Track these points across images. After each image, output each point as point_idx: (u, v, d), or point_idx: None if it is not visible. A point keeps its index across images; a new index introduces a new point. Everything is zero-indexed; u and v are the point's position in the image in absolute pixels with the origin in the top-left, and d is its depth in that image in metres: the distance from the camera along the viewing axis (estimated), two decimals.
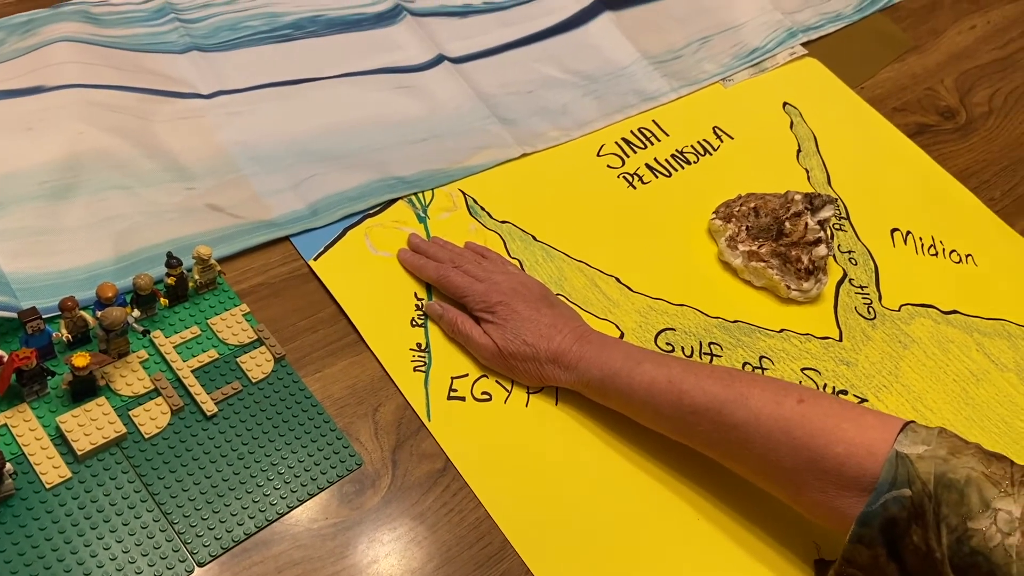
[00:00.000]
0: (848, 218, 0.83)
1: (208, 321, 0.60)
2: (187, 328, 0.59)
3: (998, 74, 1.03)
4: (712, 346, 0.71)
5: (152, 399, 0.56)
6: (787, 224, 0.74)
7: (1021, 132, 0.97)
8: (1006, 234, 0.86)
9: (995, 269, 0.83)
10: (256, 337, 0.60)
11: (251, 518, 0.53)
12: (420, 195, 0.73)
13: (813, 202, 0.74)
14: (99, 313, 0.54)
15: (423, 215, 0.72)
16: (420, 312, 0.66)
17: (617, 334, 0.69)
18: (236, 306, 0.61)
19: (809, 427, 0.53)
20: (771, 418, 0.54)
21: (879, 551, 0.51)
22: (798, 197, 0.74)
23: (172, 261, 0.58)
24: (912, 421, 0.52)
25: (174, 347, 0.58)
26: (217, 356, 0.59)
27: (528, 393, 0.64)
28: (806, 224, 0.73)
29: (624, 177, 0.81)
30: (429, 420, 0.60)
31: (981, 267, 0.82)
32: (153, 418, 0.55)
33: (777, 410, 0.54)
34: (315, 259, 0.66)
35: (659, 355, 0.61)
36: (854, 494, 0.51)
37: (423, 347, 0.64)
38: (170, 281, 0.59)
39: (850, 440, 0.52)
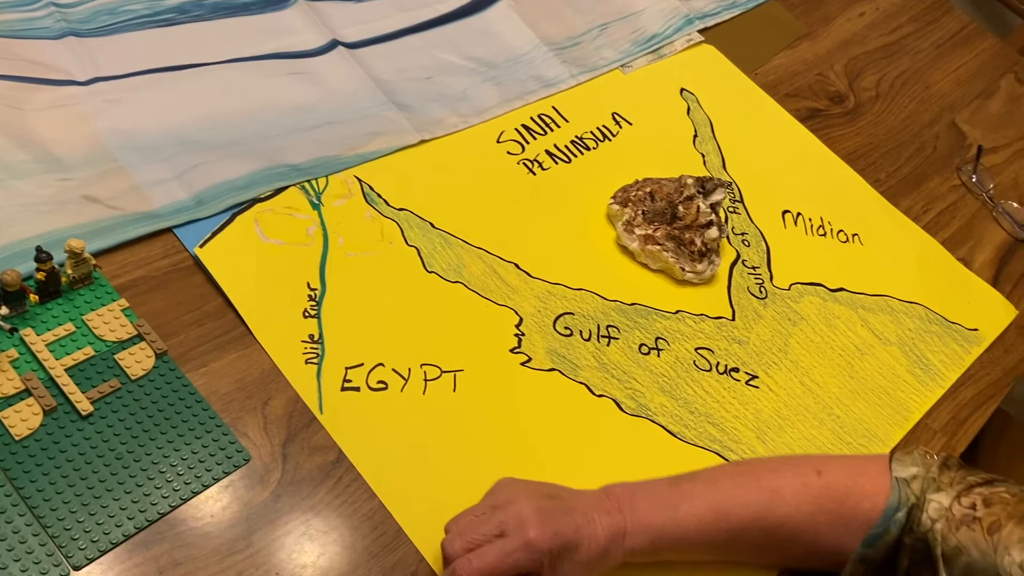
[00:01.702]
0: (742, 201, 0.85)
1: (83, 317, 0.57)
2: (60, 325, 0.57)
3: (885, 60, 1.07)
4: (610, 328, 0.71)
5: (23, 400, 0.53)
6: (680, 208, 0.75)
7: (906, 116, 1.01)
8: (890, 213, 0.90)
9: (880, 247, 0.86)
10: (136, 333, 0.58)
11: (130, 519, 0.51)
12: (314, 182, 0.72)
13: (705, 186, 0.76)
14: None
15: (317, 202, 0.71)
16: (313, 302, 0.65)
17: (516, 320, 0.69)
18: (114, 301, 0.59)
19: (836, 496, 0.57)
20: (807, 502, 0.57)
21: (871, 567, 0.57)
22: (690, 181, 0.76)
23: (41, 255, 0.55)
24: (894, 450, 0.59)
25: (46, 345, 0.56)
26: (93, 353, 0.56)
27: (425, 381, 0.64)
28: (698, 207, 0.74)
29: (524, 163, 0.81)
30: (321, 413, 0.59)
31: (867, 246, 0.86)
32: (24, 419, 0.53)
33: (807, 491, 0.58)
34: (201, 246, 0.64)
35: (684, 484, 0.58)
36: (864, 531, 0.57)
37: (316, 338, 0.63)
38: (40, 276, 0.56)
39: (869, 493, 0.57)
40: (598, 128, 0.86)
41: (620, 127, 0.87)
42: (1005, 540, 0.52)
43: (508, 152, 0.81)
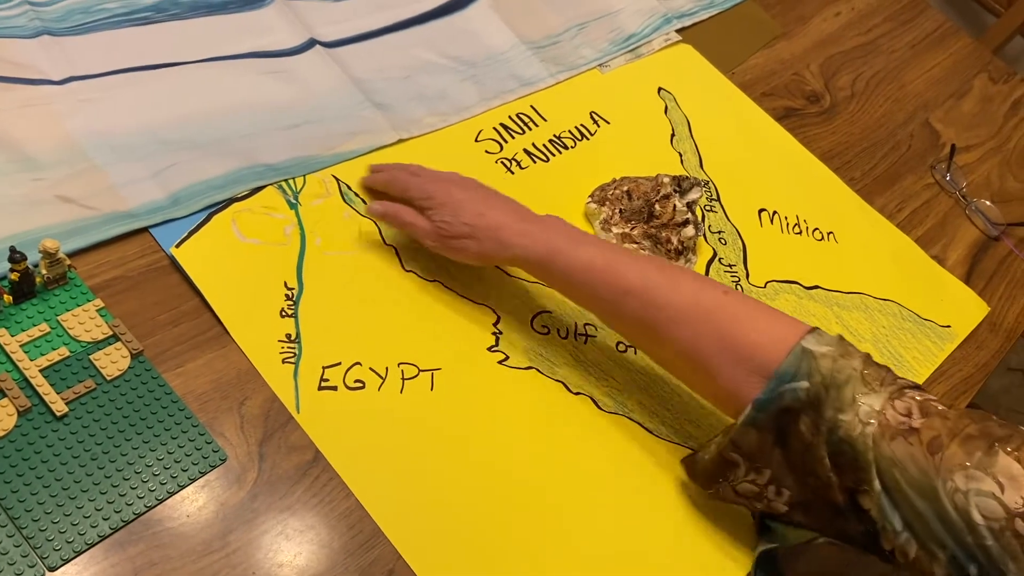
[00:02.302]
0: (719, 199, 0.86)
1: (58, 318, 0.57)
2: (35, 325, 0.56)
3: (860, 59, 1.08)
4: (587, 327, 0.72)
5: None
6: (657, 206, 0.76)
7: (880, 115, 1.03)
8: (865, 212, 0.91)
9: (854, 245, 0.87)
10: (111, 333, 0.58)
11: (105, 519, 0.51)
12: (291, 181, 0.72)
13: (681, 185, 0.77)
14: None
15: (294, 201, 0.71)
16: (290, 302, 0.65)
17: (493, 318, 0.70)
18: (89, 301, 0.59)
19: (730, 314, 0.58)
20: (697, 302, 0.59)
21: (767, 436, 0.55)
22: (667, 180, 0.76)
23: (15, 256, 0.55)
24: (818, 328, 0.57)
25: (20, 346, 0.55)
26: (68, 354, 0.56)
27: (403, 379, 0.64)
28: (674, 206, 0.75)
29: (502, 162, 0.81)
30: (298, 412, 0.59)
31: (842, 244, 0.87)
32: None
33: (703, 295, 0.59)
34: (177, 246, 0.64)
35: (600, 240, 0.66)
36: (759, 381, 0.55)
37: (293, 337, 0.63)
38: (14, 277, 0.56)
39: (763, 330, 0.57)
40: (576, 127, 0.87)
41: (598, 126, 0.88)
42: (947, 462, 0.49)
43: (486, 151, 0.81)
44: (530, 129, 0.85)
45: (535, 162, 0.82)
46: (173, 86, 0.73)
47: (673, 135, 0.90)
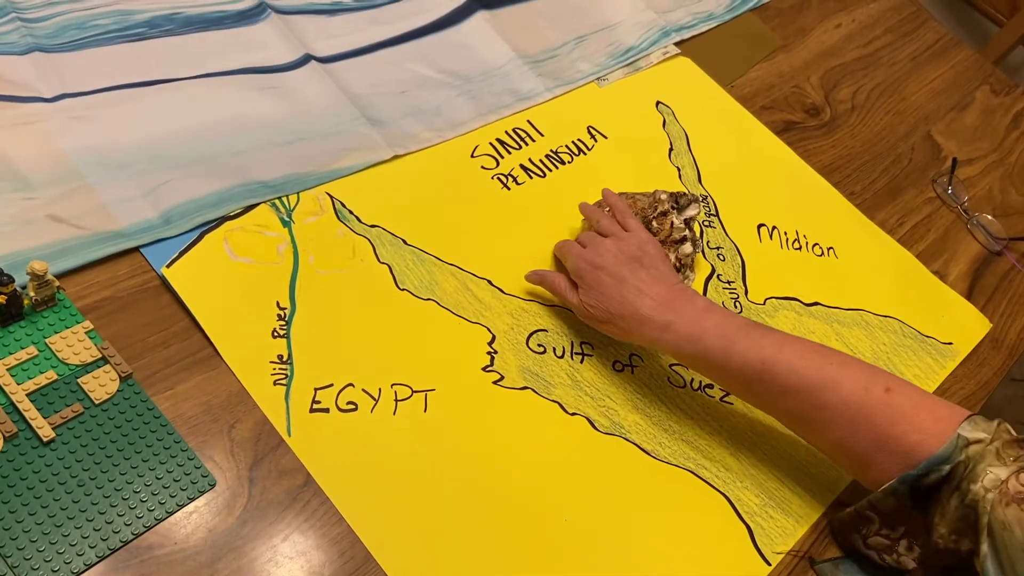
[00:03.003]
0: (717, 215, 0.85)
1: (46, 340, 0.57)
2: (22, 348, 0.56)
3: (861, 71, 1.07)
4: (584, 346, 0.71)
5: None
6: (654, 223, 0.75)
7: (881, 128, 1.02)
8: (865, 227, 0.90)
9: (855, 261, 0.86)
10: (100, 355, 0.57)
11: (92, 547, 0.50)
12: (285, 198, 0.71)
13: (679, 201, 0.76)
14: None
15: (287, 219, 0.70)
16: (282, 322, 0.64)
17: (488, 338, 0.69)
18: (78, 323, 0.58)
19: (892, 415, 0.58)
20: (858, 405, 0.59)
21: (905, 502, 0.58)
22: (664, 196, 0.75)
23: (2, 278, 0.54)
24: (976, 415, 0.58)
25: (7, 369, 0.55)
26: (56, 377, 0.55)
27: (396, 401, 0.63)
28: (672, 223, 0.74)
29: (498, 178, 0.80)
30: (289, 435, 0.59)
31: (842, 259, 0.86)
32: None
33: (865, 397, 0.59)
34: (168, 266, 0.63)
35: (750, 329, 0.63)
36: (912, 467, 0.57)
37: (284, 358, 0.62)
38: (1, 300, 0.55)
39: (926, 430, 0.57)
40: (573, 142, 0.86)
41: (595, 141, 0.87)
42: None
43: (482, 167, 0.81)
44: (527, 144, 0.84)
45: (531, 177, 0.82)
46: (166, 103, 0.72)
47: (671, 149, 0.89)
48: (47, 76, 0.70)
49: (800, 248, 0.85)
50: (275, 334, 0.63)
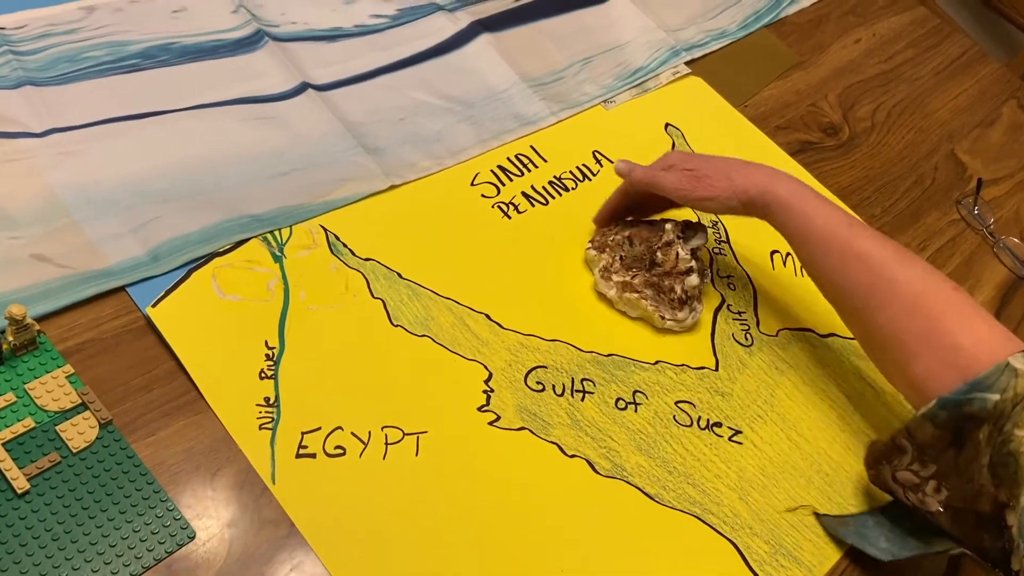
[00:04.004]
0: (728, 241, 0.82)
1: (25, 386, 0.55)
2: (0, 395, 0.54)
3: (881, 88, 1.04)
4: (585, 382, 0.68)
5: None
6: (659, 254, 0.72)
7: (902, 147, 0.98)
8: None
9: None
10: (80, 401, 0.55)
11: None
12: (277, 232, 0.69)
13: (685, 231, 0.73)
14: None
15: (279, 253, 0.68)
16: (270, 362, 0.62)
17: (485, 375, 0.66)
18: (59, 367, 0.56)
19: (951, 310, 0.59)
20: (924, 287, 0.60)
21: (943, 435, 0.56)
22: (669, 226, 0.72)
23: None
24: None
25: None
26: (34, 425, 0.54)
27: (386, 444, 0.61)
28: (677, 254, 0.71)
29: (499, 207, 0.78)
30: (274, 483, 0.57)
31: None
32: None
33: (932, 283, 0.60)
34: (153, 306, 0.62)
35: (833, 203, 0.66)
36: (953, 380, 0.56)
37: (271, 401, 0.60)
38: None
39: (979, 337, 0.57)
40: (578, 167, 0.84)
41: (601, 166, 0.85)
42: None
43: (483, 195, 0.78)
44: (529, 171, 0.82)
45: (533, 205, 0.79)
46: (157, 136, 0.71)
47: None
48: (37, 110, 0.69)
49: None
50: (262, 375, 0.61)
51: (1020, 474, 0.51)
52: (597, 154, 0.85)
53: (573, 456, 0.64)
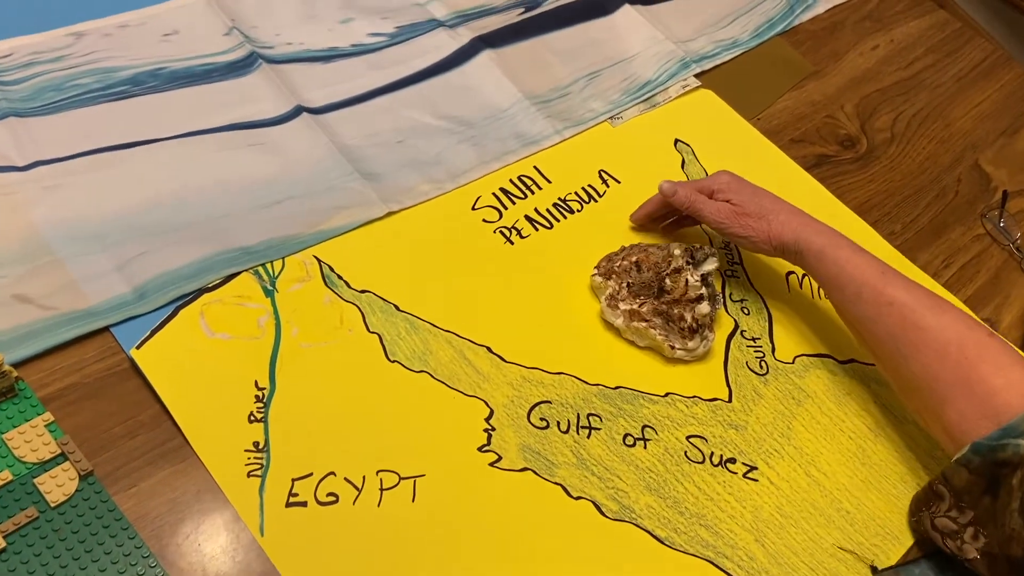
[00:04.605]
0: (741, 263, 0.78)
1: (3, 436, 0.53)
2: None
3: (901, 96, 1.00)
4: (591, 418, 0.65)
5: None
6: (668, 280, 0.69)
7: (924, 158, 0.94)
8: (907, 270, 0.82)
9: None
10: (60, 451, 0.53)
11: None
12: (268, 265, 0.67)
13: (694, 256, 0.70)
14: None
15: (271, 288, 0.66)
16: (260, 404, 0.60)
17: (486, 413, 0.63)
18: (39, 415, 0.54)
19: (985, 354, 0.58)
20: (956, 333, 0.60)
21: (978, 481, 0.56)
22: (678, 252, 0.69)
23: None
24: None
25: None
26: (11, 478, 0.52)
27: (381, 490, 0.58)
28: (687, 280, 0.68)
29: (501, 232, 0.75)
30: (262, 535, 0.54)
31: None
32: None
33: (964, 330, 0.60)
34: (138, 347, 0.59)
35: (868, 252, 0.67)
36: (988, 426, 0.56)
37: (261, 446, 0.58)
38: None
39: (1011, 379, 0.57)
40: (583, 188, 0.80)
41: (607, 186, 0.81)
42: None
43: (484, 220, 0.75)
44: (532, 193, 0.79)
45: (537, 229, 0.76)
46: (145, 166, 0.69)
47: None
48: (21, 143, 0.67)
49: None
50: (251, 418, 0.59)
51: None
52: (603, 173, 0.82)
53: (579, 498, 0.61)
